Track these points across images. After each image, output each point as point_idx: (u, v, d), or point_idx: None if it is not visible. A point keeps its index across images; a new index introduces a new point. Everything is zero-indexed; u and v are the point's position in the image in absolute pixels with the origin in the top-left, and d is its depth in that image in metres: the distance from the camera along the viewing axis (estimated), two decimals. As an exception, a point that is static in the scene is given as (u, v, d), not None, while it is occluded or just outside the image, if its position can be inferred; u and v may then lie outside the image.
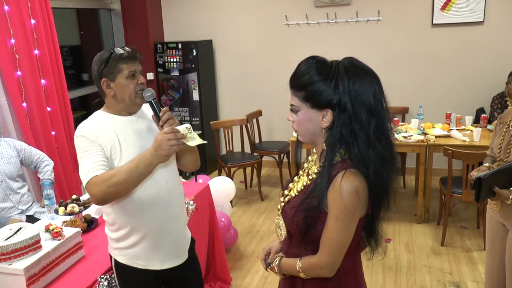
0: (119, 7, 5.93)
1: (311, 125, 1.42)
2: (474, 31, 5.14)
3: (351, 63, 1.41)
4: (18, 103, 3.63)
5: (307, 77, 1.38)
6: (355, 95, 1.33)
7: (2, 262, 1.99)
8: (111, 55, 1.85)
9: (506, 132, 2.32)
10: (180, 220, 2.07)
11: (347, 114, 1.33)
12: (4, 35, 3.52)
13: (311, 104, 1.39)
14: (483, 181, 2.08)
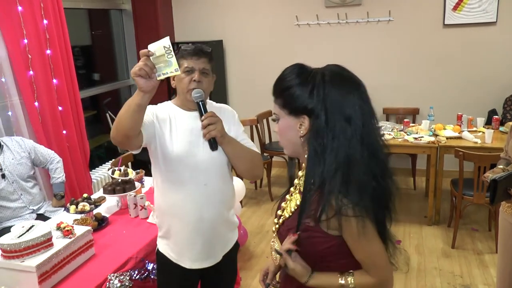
0: (130, 7, 5.95)
1: (292, 135, 1.33)
2: (486, 31, 5.09)
3: (331, 70, 1.34)
4: (30, 102, 3.66)
5: (285, 82, 1.33)
6: (330, 101, 1.25)
7: (15, 259, 2.01)
8: (179, 51, 1.93)
9: None
10: (218, 223, 2.03)
11: (321, 121, 1.24)
12: (17, 35, 3.55)
13: (288, 111, 1.32)
14: (498, 183, 2.06)
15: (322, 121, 1.24)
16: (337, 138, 1.23)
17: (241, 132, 2.06)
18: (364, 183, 1.25)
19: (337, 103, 1.25)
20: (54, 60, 3.84)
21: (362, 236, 1.25)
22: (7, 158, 3.15)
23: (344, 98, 1.25)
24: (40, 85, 3.73)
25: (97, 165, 5.04)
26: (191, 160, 1.91)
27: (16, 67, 3.56)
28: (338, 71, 1.34)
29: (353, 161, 1.24)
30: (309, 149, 1.27)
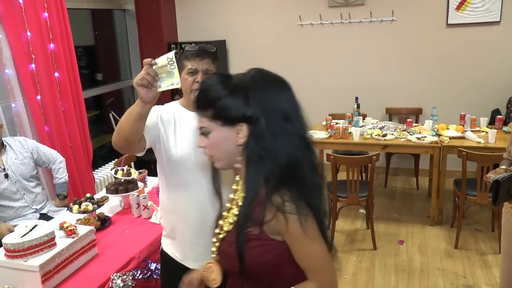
0: (133, 7, 5.96)
1: (228, 146, 1.29)
2: (490, 31, 5.08)
3: (258, 72, 1.30)
4: (34, 102, 3.68)
5: (213, 93, 1.27)
6: (267, 103, 1.24)
7: (18, 258, 2.02)
8: (183, 52, 1.94)
9: None
10: None
11: (261, 125, 1.22)
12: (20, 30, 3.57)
13: (222, 122, 1.27)
14: (500, 184, 2.05)
15: (262, 124, 1.22)
16: (279, 138, 1.22)
17: None
18: (307, 179, 1.26)
19: (274, 103, 1.25)
20: (57, 57, 3.85)
21: (305, 235, 1.23)
22: (10, 158, 3.16)
23: (279, 97, 1.26)
24: (43, 84, 3.74)
25: (100, 165, 5.05)
26: (195, 161, 1.91)
27: (19, 64, 3.59)
28: (265, 73, 1.31)
29: (296, 158, 1.24)
30: (250, 155, 1.25)
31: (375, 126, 4.73)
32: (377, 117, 5.41)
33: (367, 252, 3.96)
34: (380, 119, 5.34)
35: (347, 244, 4.12)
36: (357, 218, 4.60)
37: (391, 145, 4.35)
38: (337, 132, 4.51)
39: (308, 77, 5.87)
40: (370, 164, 3.80)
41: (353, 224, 4.49)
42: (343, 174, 4.13)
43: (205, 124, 1.31)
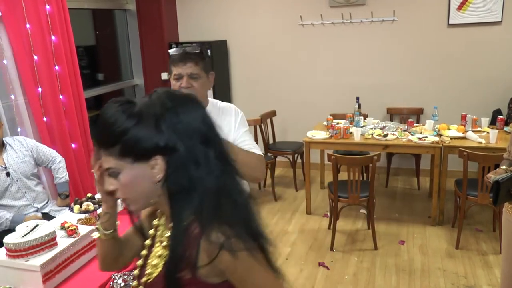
0: (134, 7, 5.97)
1: (144, 184, 1.09)
2: (491, 31, 5.08)
3: (167, 93, 1.12)
4: (35, 102, 3.68)
5: (117, 126, 1.05)
6: (182, 127, 1.07)
7: (20, 258, 2.02)
8: (169, 57, 1.96)
9: None
10: None
11: (180, 153, 1.06)
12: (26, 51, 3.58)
13: (132, 158, 1.07)
14: (501, 185, 2.05)
15: (181, 152, 1.06)
16: (202, 164, 1.07)
17: (243, 133, 2.06)
18: (242, 206, 1.12)
19: (190, 126, 1.08)
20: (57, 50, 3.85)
21: (257, 270, 1.09)
22: (11, 156, 3.17)
23: (194, 119, 1.10)
24: (43, 77, 3.74)
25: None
26: None
27: (20, 63, 3.59)
28: (173, 93, 1.15)
29: (225, 184, 1.09)
30: (172, 189, 1.08)
31: (376, 126, 4.73)
32: (378, 117, 5.41)
33: (368, 252, 3.96)
34: (381, 119, 5.34)
35: (348, 244, 4.12)
36: (358, 218, 4.60)
37: (392, 145, 4.35)
38: (338, 132, 4.51)
39: (309, 77, 5.87)
40: (371, 164, 3.80)
41: (354, 224, 4.48)
42: (344, 174, 4.12)
43: (111, 165, 1.09)
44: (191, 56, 1.93)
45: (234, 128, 2.05)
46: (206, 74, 2.00)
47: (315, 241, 4.20)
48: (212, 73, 2.03)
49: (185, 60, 1.93)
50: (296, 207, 4.98)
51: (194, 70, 1.93)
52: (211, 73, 2.02)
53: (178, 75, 1.92)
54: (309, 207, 4.78)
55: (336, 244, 4.07)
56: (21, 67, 3.60)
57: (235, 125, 2.06)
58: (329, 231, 4.27)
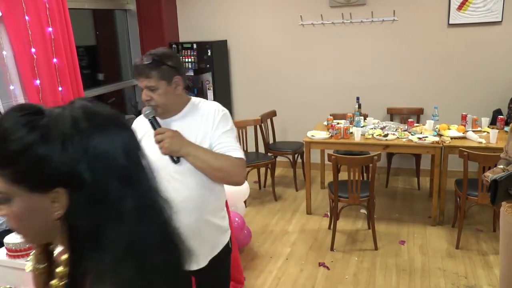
0: (134, 7, 5.97)
1: (40, 218, 0.86)
2: (491, 31, 5.08)
3: (85, 109, 0.88)
4: (33, 93, 3.68)
5: (15, 142, 0.80)
6: (94, 157, 0.83)
7: (20, 258, 2.02)
8: None
9: None
10: (200, 229, 1.98)
11: (87, 189, 0.83)
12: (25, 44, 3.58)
13: (29, 186, 0.83)
14: (499, 184, 2.04)
15: (89, 187, 0.83)
16: (113, 208, 0.85)
17: (220, 135, 1.96)
18: (153, 273, 0.88)
19: (106, 155, 0.85)
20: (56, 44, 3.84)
21: None
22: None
23: (113, 147, 0.86)
24: (41, 69, 3.73)
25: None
26: (164, 170, 1.89)
27: (23, 72, 3.60)
28: (92, 109, 0.89)
29: (137, 240, 0.86)
30: (75, 233, 0.86)
31: (376, 126, 4.73)
32: (379, 117, 5.41)
33: (368, 252, 3.96)
34: (381, 119, 5.34)
35: (348, 244, 4.12)
36: (358, 218, 4.60)
37: (392, 145, 4.35)
38: (338, 132, 4.51)
39: (309, 77, 5.87)
40: (371, 164, 3.80)
41: (354, 224, 4.49)
42: (344, 174, 4.13)
43: (2, 188, 0.84)
44: (141, 71, 1.89)
45: (212, 129, 1.96)
46: (166, 81, 1.91)
47: (315, 241, 4.20)
48: (177, 77, 1.93)
49: (139, 75, 1.90)
50: (297, 207, 4.98)
51: (148, 83, 1.89)
52: (176, 77, 1.93)
53: (142, 86, 1.92)
54: (310, 207, 4.79)
55: (337, 244, 4.07)
56: (19, 59, 3.59)
57: (212, 127, 1.96)
58: (329, 231, 4.27)
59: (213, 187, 2.00)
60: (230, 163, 1.92)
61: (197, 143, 1.91)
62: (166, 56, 1.91)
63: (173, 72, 1.91)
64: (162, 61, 1.88)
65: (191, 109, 2.01)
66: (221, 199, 2.11)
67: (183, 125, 1.95)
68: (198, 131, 1.95)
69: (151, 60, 1.88)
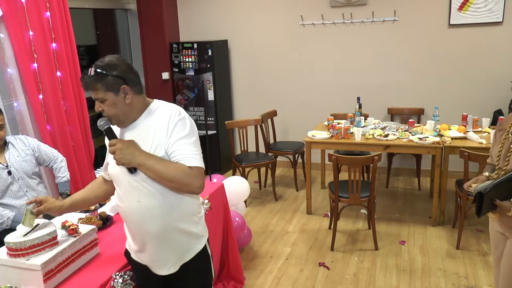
0: (135, 7, 5.97)
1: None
2: (492, 31, 5.07)
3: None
4: (36, 101, 3.69)
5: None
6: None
7: (20, 257, 2.02)
8: None
9: (505, 139, 2.24)
10: (168, 235, 1.96)
11: None
12: (22, 29, 3.58)
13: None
14: (484, 196, 2.00)
15: None
16: None
17: (174, 142, 1.86)
18: None
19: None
20: (59, 57, 3.85)
21: None
22: (12, 155, 3.17)
23: None
24: (45, 83, 3.74)
25: (102, 164, 5.03)
26: (123, 178, 1.93)
27: (21, 63, 3.59)
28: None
29: None
30: None
31: (377, 126, 4.73)
32: (379, 117, 5.41)
33: (369, 252, 3.96)
34: (382, 119, 5.34)
35: (348, 244, 4.12)
36: (358, 219, 4.60)
37: (393, 145, 4.34)
38: (339, 132, 4.51)
39: (310, 77, 5.87)
40: (372, 164, 3.80)
41: (354, 225, 4.48)
42: (344, 174, 4.12)
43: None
44: (86, 84, 1.84)
45: (166, 136, 1.86)
46: (112, 92, 1.83)
47: (315, 241, 4.20)
48: (124, 86, 1.84)
49: (85, 88, 1.86)
50: (297, 207, 4.98)
51: (96, 95, 1.84)
52: (122, 87, 1.83)
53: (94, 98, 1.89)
54: (310, 207, 4.78)
55: (337, 244, 4.07)
56: (23, 73, 3.60)
57: (167, 133, 1.86)
58: (329, 231, 4.27)
59: (179, 194, 1.94)
60: (182, 174, 1.82)
61: (152, 151, 1.84)
62: (112, 66, 1.83)
63: (119, 81, 1.82)
64: (106, 72, 1.81)
65: (146, 116, 1.92)
66: (192, 204, 2.02)
67: (137, 134, 1.90)
68: (153, 138, 1.87)
69: (94, 73, 1.81)
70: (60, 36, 3.84)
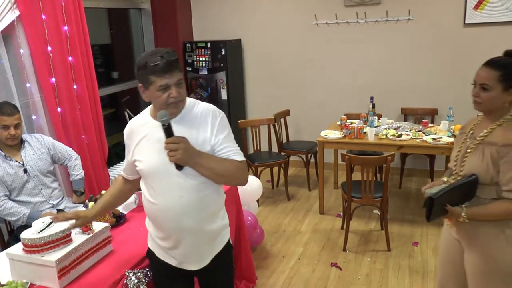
0: (149, 6, 6.00)
1: None
2: (509, 30, 5.00)
3: None
4: (51, 102, 3.72)
5: None
6: None
7: (36, 253, 2.05)
8: (145, 66, 1.81)
9: (463, 144, 2.18)
10: (200, 230, 1.99)
11: None
12: (41, 41, 3.62)
13: None
14: (434, 201, 1.95)
15: None
16: None
17: (222, 140, 1.94)
18: None
19: None
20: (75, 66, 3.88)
21: None
22: (28, 153, 3.22)
23: None
24: (61, 87, 3.78)
25: (115, 162, 5.09)
26: (164, 175, 1.91)
27: (39, 69, 3.63)
28: None
29: None
30: None
31: (390, 126, 4.69)
32: (392, 117, 5.37)
33: (381, 253, 3.93)
34: (395, 119, 5.30)
35: (361, 245, 4.10)
36: (371, 219, 4.57)
37: (406, 145, 4.31)
38: (352, 132, 4.49)
39: (323, 77, 5.85)
40: (385, 165, 3.77)
41: (367, 225, 4.46)
42: (357, 175, 4.10)
43: None
44: (174, 65, 1.84)
45: (212, 134, 1.93)
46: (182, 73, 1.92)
47: (328, 241, 4.19)
48: None
49: (171, 71, 1.82)
50: (309, 207, 4.97)
51: (179, 76, 1.86)
52: None
53: (164, 85, 1.82)
54: (322, 207, 4.77)
55: (349, 244, 4.05)
56: (35, 57, 3.62)
57: (212, 131, 1.93)
58: (342, 231, 4.25)
59: (214, 187, 1.99)
60: (233, 168, 1.93)
61: (198, 146, 1.87)
62: None
63: None
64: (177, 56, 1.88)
65: (187, 111, 1.96)
66: (222, 197, 2.09)
67: (183, 128, 1.90)
68: (197, 134, 1.91)
69: (176, 55, 1.85)
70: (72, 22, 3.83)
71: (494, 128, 2.04)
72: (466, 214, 2.00)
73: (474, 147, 2.05)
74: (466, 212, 2.00)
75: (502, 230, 1.99)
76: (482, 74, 2.17)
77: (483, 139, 2.04)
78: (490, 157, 1.97)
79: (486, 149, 2.00)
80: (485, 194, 2.00)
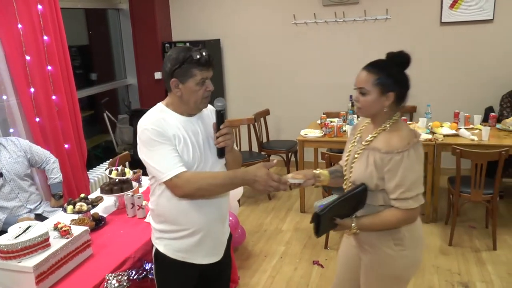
0: (127, 7, 5.95)
1: None
2: (483, 29, 5.10)
3: None
4: (27, 102, 3.66)
5: None
6: None
7: (12, 260, 2.01)
8: (187, 59, 1.84)
9: (352, 147, 2.08)
10: (226, 220, 2.14)
11: None
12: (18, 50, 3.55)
13: None
14: (321, 217, 1.87)
15: None
16: None
17: None
18: None
19: None
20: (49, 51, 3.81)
21: None
22: (4, 157, 3.16)
23: None
24: (35, 77, 3.71)
25: (95, 165, 5.03)
26: (207, 164, 1.97)
27: (13, 64, 3.56)
28: None
29: None
30: None
31: (369, 124, 4.73)
32: (372, 115, 5.41)
33: (362, 250, 3.96)
34: (374, 117, 5.35)
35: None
36: (352, 216, 4.60)
37: (386, 143, 4.35)
38: (332, 130, 4.52)
39: (303, 76, 5.88)
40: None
41: (348, 222, 4.49)
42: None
43: None
44: (212, 61, 1.92)
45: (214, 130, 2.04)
46: None
47: (309, 239, 4.21)
48: None
49: (210, 65, 1.90)
50: (290, 206, 4.99)
51: (211, 73, 1.94)
52: None
53: (205, 78, 1.89)
54: (303, 206, 4.79)
55: (331, 242, 4.08)
56: (13, 67, 3.56)
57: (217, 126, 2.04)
58: (323, 230, 4.28)
59: None
60: (241, 156, 2.25)
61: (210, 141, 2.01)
62: None
63: None
64: None
65: (210, 112, 2.09)
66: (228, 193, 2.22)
67: (201, 125, 1.99)
68: (210, 129, 2.01)
69: None
70: (50, 30, 3.79)
71: (378, 133, 1.96)
72: (356, 226, 1.95)
73: (361, 152, 1.98)
74: (356, 223, 1.95)
75: (392, 235, 1.97)
76: (360, 78, 2.03)
77: (368, 144, 1.95)
78: (374, 164, 1.89)
79: (370, 155, 1.92)
80: (374, 201, 1.95)
